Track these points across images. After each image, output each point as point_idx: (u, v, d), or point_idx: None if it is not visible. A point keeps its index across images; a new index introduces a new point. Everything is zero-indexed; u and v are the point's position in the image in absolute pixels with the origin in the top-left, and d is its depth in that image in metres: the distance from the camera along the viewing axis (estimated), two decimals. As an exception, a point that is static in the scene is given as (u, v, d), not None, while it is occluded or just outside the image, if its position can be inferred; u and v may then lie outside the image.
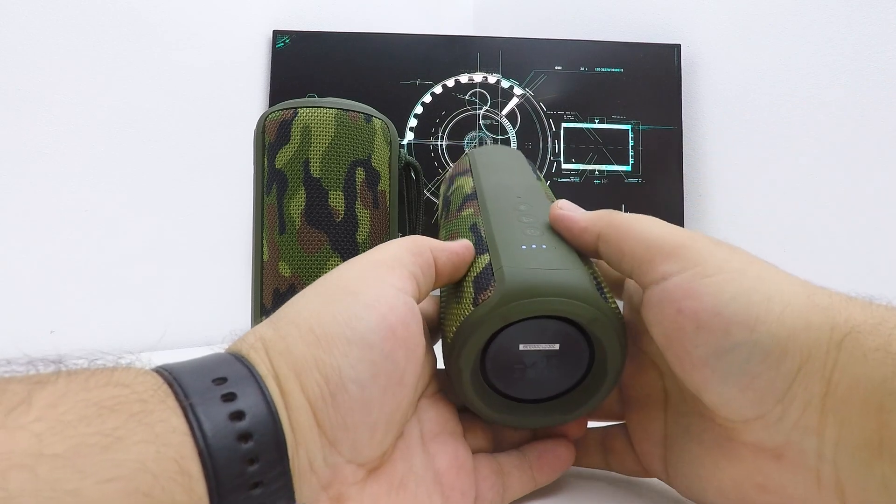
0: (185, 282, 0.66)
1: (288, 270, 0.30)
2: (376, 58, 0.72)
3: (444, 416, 0.23)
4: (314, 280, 0.29)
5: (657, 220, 0.22)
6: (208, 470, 0.14)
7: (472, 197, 0.29)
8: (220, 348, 0.19)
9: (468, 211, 0.28)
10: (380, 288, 0.19)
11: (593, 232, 0.23)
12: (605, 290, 0.22)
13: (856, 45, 0.66)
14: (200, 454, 0.14)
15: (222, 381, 0.16)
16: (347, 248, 0.30)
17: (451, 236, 0.27)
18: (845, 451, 0.17)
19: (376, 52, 0.72)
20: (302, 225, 0.30)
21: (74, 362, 0.15)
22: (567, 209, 0.25)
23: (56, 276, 0.56)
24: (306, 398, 0.17)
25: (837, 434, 0.17)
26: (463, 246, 0.24)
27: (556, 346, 0.22)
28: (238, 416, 0.15)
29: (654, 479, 0.25)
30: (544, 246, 0.23)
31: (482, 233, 0.25)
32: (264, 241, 0.31)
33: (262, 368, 0.17)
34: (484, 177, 0.30)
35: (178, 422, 0.14)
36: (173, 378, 0.15)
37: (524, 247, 0.23)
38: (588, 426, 0.26)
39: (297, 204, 0.30)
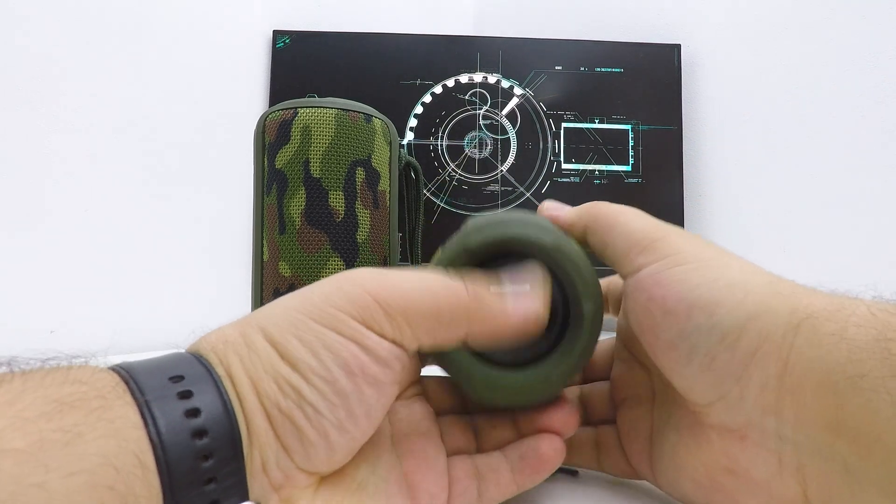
0: (185, 282, 0.66)
1: (288, 270, 0.30)
2: (376, 58, 0.72)
3: (417, 416, 0.22)
4: (314, 280, 0.29)
5: (640, 213, 0.23)
6: (161, 464, 0.14)
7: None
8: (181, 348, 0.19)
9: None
10: (338, 342, 0.18)
11: (580, 226, 0.24)
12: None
13: (856, 44, 0.66)
14: (154, 449, 0.14)
15: (179, 378, 0.16)
16: (347, 248, 0.30)
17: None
18: (804, 433, 0.17)
19: (376, 52, 0.72)
20: (302, 225, 0.30)
21: (27, 362, 0.15)
22: (552, 209, 0.25)
23: (56, 276, 0.56)
24: (261, 404, 0.17)
25: (795, 415, 0.17)
26: (528, 318, 0.20)
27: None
28: (193, 413, 0.15)
29: (645, 483, 0.25)
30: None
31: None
32: (264, 241, 0.31)
33: (221, 370, 0.17)
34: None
35: (136, 417, 0.15)
36: (129, 376, 0.16)
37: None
38: (581, 427, 0.26)
39: (297, 204, 0.30)
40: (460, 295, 0.19)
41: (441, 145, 0.71)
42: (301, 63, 0.72)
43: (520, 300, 0.20)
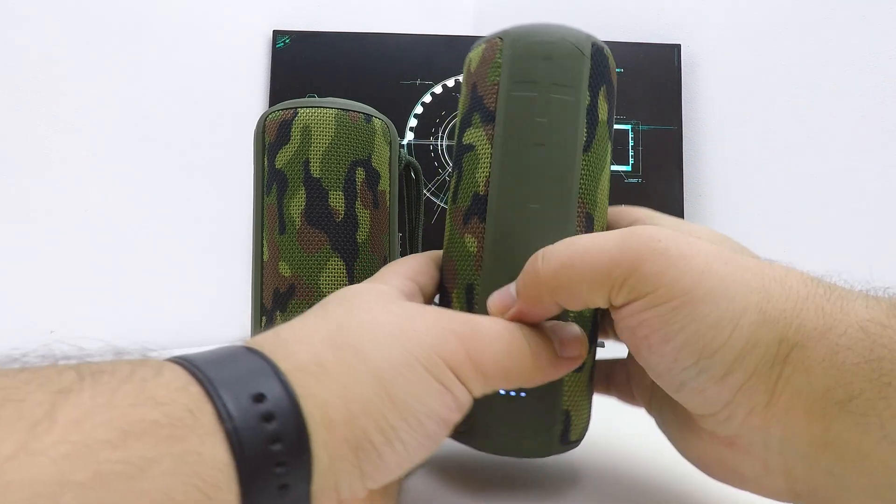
0: (185, 282, 0.66)
1: (288, 270, 0.30)
2: (376, 58, 0.72)
3: None
4: (314, 280, 0.29)
5: (585, 241, 0.20)
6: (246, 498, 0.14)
7: (482, 208, 0.24)
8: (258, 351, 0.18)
9: (471, 242, 0.24)
10: (438, 390, 0.19)
11: (543, 302, 0.21)
12: (574, 423, 0.24)
13: (856, 44, 0.66)
14: (241, 485, 0.14)
15: (270, 417, 0.16)
16: (347, 248, 0.30)
17: (448, 267, 0.26)
18: (791, 446, 0.18)
19: (376, 52, 0.72)
20: (302, 225, 0.30)
21: (94, 359, 0.15)
22: (498, 306, 0.22)
23: (56, 276, 0.56)
24: (352, 435, 0.17)
25: (782, 433, 0.18)
26: (575, 352, 0.22)
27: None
28: (274, 439, 0.15)
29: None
30: (523, 395, 0.23)
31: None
32: (264, 241, 0.31)
33: (309, 397, 0.16)
34: (506, 170, 0.24)
35: (212, 451, 0.14)
36: (216, 394, 0.15)
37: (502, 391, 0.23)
38: (597, 358, 0.26)
39: (297, 204, 0.30)
40: (527, 362, 0.21)
41: (441, 145, 0.71)
42: (301, 63, 0.72)
43: (566, 363, 0.22)
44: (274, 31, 0.73)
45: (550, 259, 0.20)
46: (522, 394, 0.23)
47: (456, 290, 0.25)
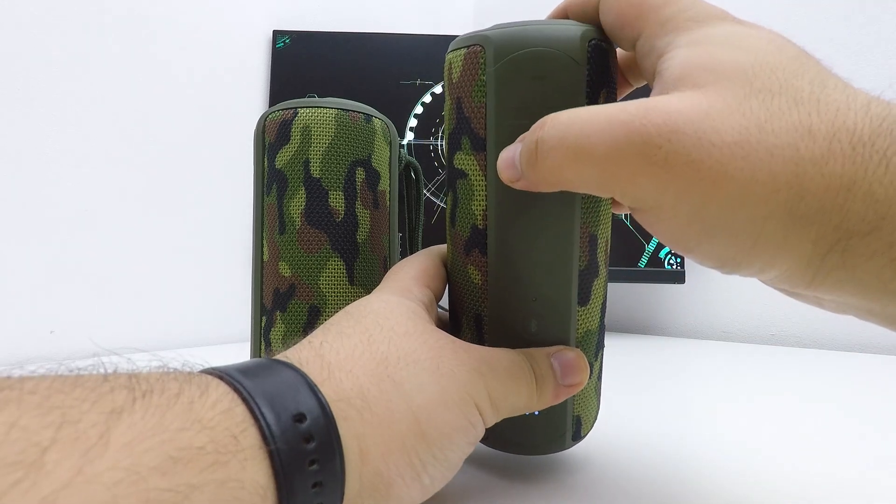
0: (185, 282, 0.66)
1: (288, 270, 0.30)
2: (376, 58, 0.72)
3: None
4: (314, 281, 0.29)
5: (581, 144, 0.17)
6: None
7: (482, 241, 0.24)
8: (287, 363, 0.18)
9: (475, 274, 0.24)
10: (466, 427, 0.20)
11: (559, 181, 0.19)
12: (584, 422, 0.25)
13: (855, 45, 0.66)
14: None
15: (310, 438, 0.16)
16: (347, 248, 0.30)
17: (455, 291, 0.26)
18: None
19: (376, 52, 0.72)
20: (302, 225, 0.30)
21: (142, 368, 0.16)
22: (505, 164, 0.20)
23: (56, 276, 0.56)
24: (386, 470, 0.18)
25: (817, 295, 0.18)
26: (577, 379, 0.23)
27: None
28: (317, 481, 0.16)
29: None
30: (536, 413, 0.24)
31: None
32: (264, 241, 0.31)
33: (347, 429, 0.17)
34: (503, 206, 0.23)
35: (252, 477, 0.15)
36: (265, 423, 0.16)
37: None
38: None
39: (297, 204, 0.30)
40: (532, 397, 0.22)
41: (441, 145, 0.71)
42: (301, 63, 0.72)
43: (566, 391, 0.23)
44: (274, 31, 0.73)
45: (545, 157, 0.18)
46: (536, 413, 0.24)
47: (465, 317, 0.25)
